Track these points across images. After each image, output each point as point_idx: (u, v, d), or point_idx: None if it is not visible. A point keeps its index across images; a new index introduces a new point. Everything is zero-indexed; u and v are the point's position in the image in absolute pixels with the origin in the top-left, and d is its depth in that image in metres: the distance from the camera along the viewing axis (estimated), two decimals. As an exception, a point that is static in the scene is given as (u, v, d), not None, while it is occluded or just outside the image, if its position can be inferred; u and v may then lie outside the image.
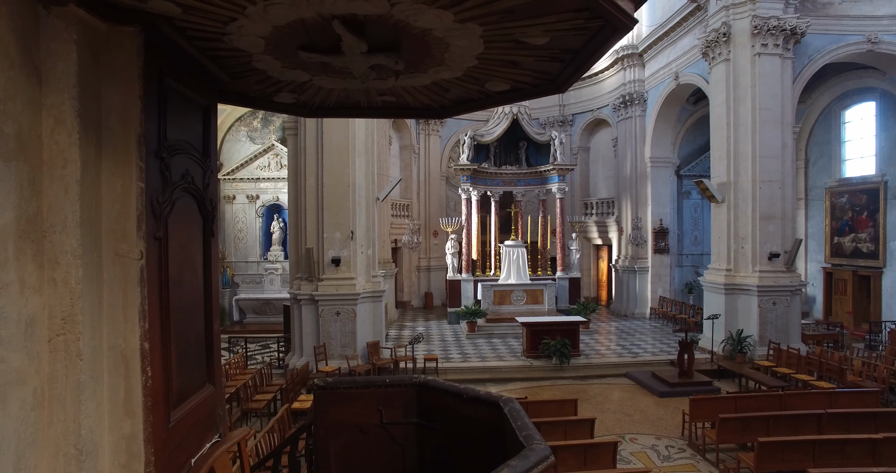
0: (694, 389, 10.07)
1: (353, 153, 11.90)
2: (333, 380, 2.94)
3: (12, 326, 1.53)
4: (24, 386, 1.57)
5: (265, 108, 2.95)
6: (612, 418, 9.27)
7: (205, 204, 2.40)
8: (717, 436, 7.27)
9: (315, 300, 11.63)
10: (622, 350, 13.44)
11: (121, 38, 1.89)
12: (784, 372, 10.59)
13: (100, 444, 1.79)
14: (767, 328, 12.21)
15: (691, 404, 8.04)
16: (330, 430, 2.76)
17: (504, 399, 2.47)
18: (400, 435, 2.78)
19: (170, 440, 2.01)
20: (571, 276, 17.64)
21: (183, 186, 2.17)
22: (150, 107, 1.96)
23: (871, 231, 15.25)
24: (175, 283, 2.10)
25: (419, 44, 2.08)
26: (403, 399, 2.78)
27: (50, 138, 1.68)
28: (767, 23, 12.11)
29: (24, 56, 1.58)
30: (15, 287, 1.54)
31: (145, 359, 1.87)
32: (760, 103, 12.30)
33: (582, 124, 20.73)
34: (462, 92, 2.70)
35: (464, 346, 13.94)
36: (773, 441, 6.44)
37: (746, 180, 12.51)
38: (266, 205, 18.24)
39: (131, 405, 1.86)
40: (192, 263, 2.33)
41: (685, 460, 7.61)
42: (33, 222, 1.63)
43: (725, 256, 12.93)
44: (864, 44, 12.72)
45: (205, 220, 2.41)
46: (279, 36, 2.01)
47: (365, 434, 2.76)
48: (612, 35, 1.91)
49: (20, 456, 1.54)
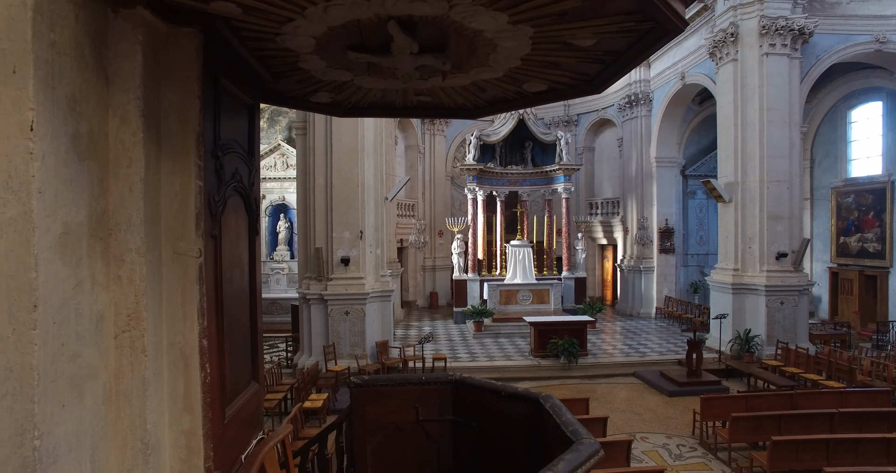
0: (703, 388, 10.10)
1: (362, 153, 11.94)
2: (370, 378, 2.97)
3: (86, 322, 1.56)
4: (95, 381, 1.60)
5: (301, 107, 2.99)
6: (622, 417, 9.30)
7: (250, 203, 2.43)
8: (730, 435, 7.29)
9: (324, 300, 11.66)
10: (629, 350, 13.47)
11: (179, 39, 1.92)
12: (793, 372, 10.61)
13: (162, 439, 1.82)
14: (775, 327, 12.23)
15: (702, 403, 8.06)
16: (366, 427, 2.79)
17: (543, 396, 2.50)
18: (435, 433, 2.81)
19: (225, 436, 2.04)
20: (577, 276, 17.67)
21: (234, 184, 2.21)
22: (207, 106, 1.99)
23: (878, 231, 15.27)
24: (227, 281, 2.13)
25: (467, 45, 2.11)
26: (439, 397, 2.81)
27: (116, 138, 1.72)
28: (775, 23, 12.14)
29: (96, 58, 1.62)
30: (87, 284, 1.57)
31: (204, 356, 1.91)
32: (768, 103, 12.32)
33: (587, 124, 20.76)
34: (498, 92, 2.73)
35: (471, 345, 13.97)
36: (786, 440, 6.47)
37: (754, 179, 12.53)
38: (272, 205, 18.27)
39: (190, 402, 1.90)
40: (241, 261, 2.36)
41: (697, 459, 7.64)
42: (101, 221, 1.66)
43: (733, 255, 12.96)
44: (873, 43, 12.75)
45: (250, 218, 2.45)
46: (331, 36, 2.04)
47: (401, 432, 2.79)
48: (662, 37, 1.94)
49: (94, 448, 1.58)
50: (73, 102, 1.50)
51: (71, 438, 1.46)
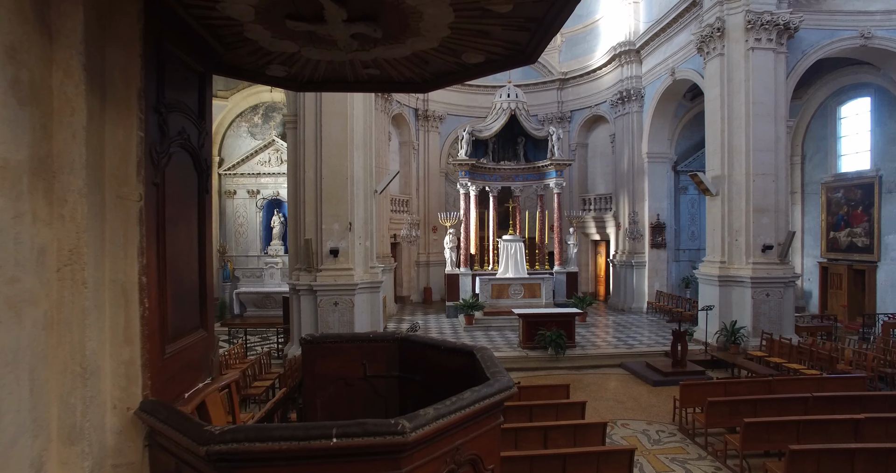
0: (687, 378, 10.19)
1: (352, 146, 12.12)
2: (320, 335, 3.13)
3: (26, 251, 1.73)
4: (36, 307, 1.77)
5: (258, 81, 3.16)
6: (606, 405, 9.43)
7: (200, 161, 2.61)
8: (706, 420, 7.41)
9: (313, 291, 11.84)
10: (618, 342, 13.60)
11: (123, 4, 2.09)
12: (776, 362, 10.73)
13: (101, 367, 1.99)
14: (761, 319, 12.36)
15: (682, 389, 8.19)
16: (317, 382, 2.96)
17: (477, 348, 2.66)
18: (382, 388, 2.97)
19: (165, 369, 2.21)
20: (569, 270, 17.82)
21: (179, 141, 2.39)
22: (150, 66, 2.17)
23: (866, 226, 15.37)
24: (172, 228, 2.31)
25: (395, 12, 2.27)
26: (386, 354, 2.97)
27: (59, 90, 1.89)
28: (761, 18, 12.28)
29: (37, 14, 1.79)
30: (28, 217, 1.74)
31: (143, 292, 2.08)
32: (754, 97, 12.46)
33: (580, 121, 20.91)
34: (441, 64, 2.90)
35: (461, 338, 14.12)
36: (758, 421, 6.60)
37: (740, 173, 12.67)
38: (267, 200, 18.47)
39: (130, 334, 2.07)
40: (188, 214, 2.54)
41: (675, 443, 7.77)
42: (45, 163, 1.83)
43: (720, 248, 13.09)
44: (858, 39, 12.88)
45: (200, 176, 2.63)
46: (268, 4, 2.20)
47: (350, 387, 2.95)
48: (570, 2, 2.09)
49: (33, 369, 1.74)
50: (12, 51, 1.67)
51: (8, 353, 1.63)
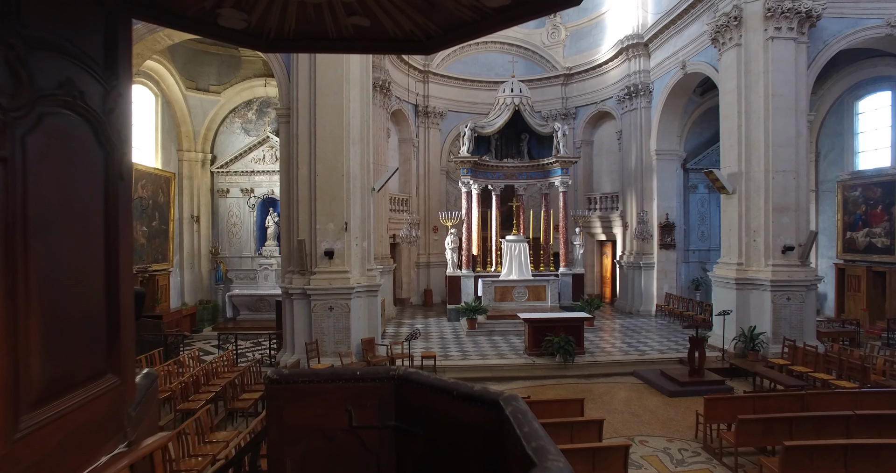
0: (705, 388, 9.52)
1: (348, 141, 11.37)
2: (290, 372, 2.28)
3: None
4: None
5: (210, 35, 2.41)
6: (620, 419, 8.73)
7: (106, 133, 1.80)
8: (736, 439, 6.71)
9: (307, 295, 11.09)
10: (628, 348, 12.87)
11: None
12: (801, 371, 10.02)
13: None
14: (781, 324, 11.63)
15: (706, 404, 7.50)
16: (285, 435, 2.17)
17: (505, 397, 1.91)
18: (374, 442, 2.21)
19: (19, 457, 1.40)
20: (575, 272, 17.07)
21: (62, 98, 1.59)
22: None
23: (887, 226, 14.67)
24: (42, 232, 1.50)
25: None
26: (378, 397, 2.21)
27: None
28: (781, 5, 11.55)
29: None
30: None
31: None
32: (773, 90, 11.73)
33: (585, 117, 20.17)
34: (452, 10, 2.16)
35: (464, 343, 13.39)
36: (800, 445, 5.88)
37: (759, 169, 11.94)
38: (261, 199, 17.70)
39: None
40: (82, 210, 1.71)
41: (701, 464, 7.06)
42: None
43: (737, 249, 12.36)
44: (884, 28, 12.15)
45: (107, 156, 1.83)
46: None
47: (329, 441, 2.19)
48: None
49: None
50: None
51: None
